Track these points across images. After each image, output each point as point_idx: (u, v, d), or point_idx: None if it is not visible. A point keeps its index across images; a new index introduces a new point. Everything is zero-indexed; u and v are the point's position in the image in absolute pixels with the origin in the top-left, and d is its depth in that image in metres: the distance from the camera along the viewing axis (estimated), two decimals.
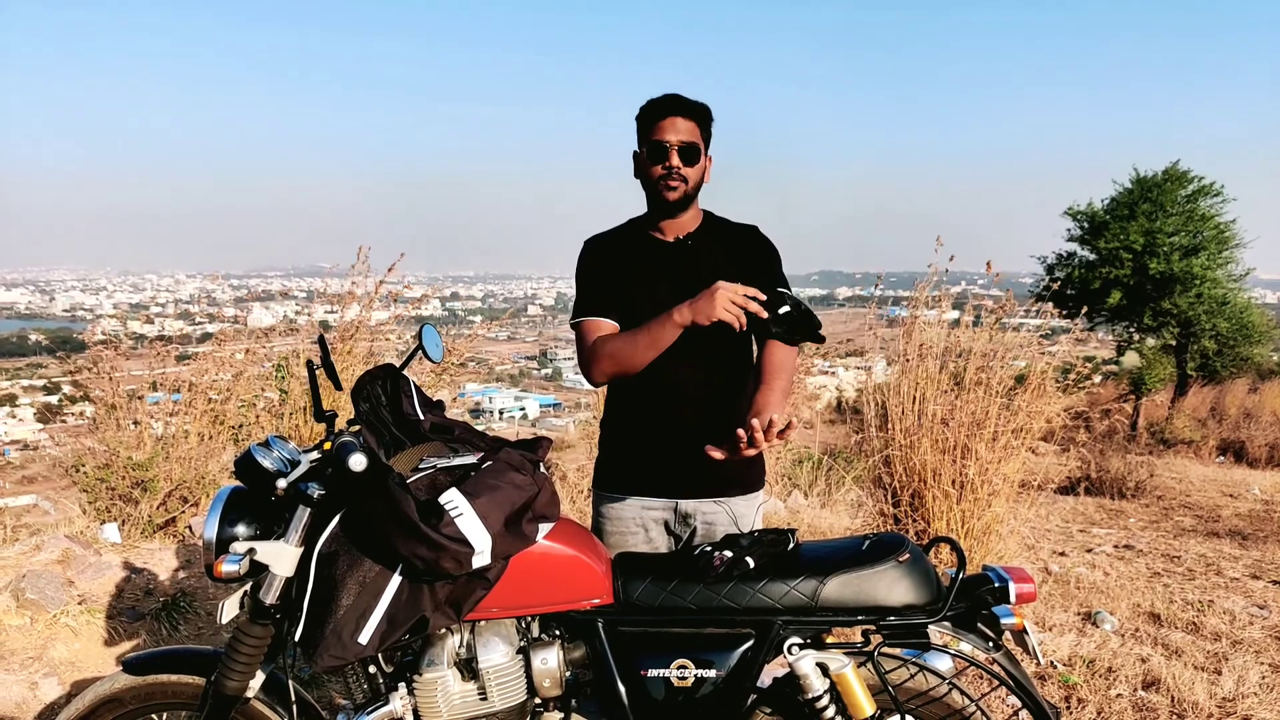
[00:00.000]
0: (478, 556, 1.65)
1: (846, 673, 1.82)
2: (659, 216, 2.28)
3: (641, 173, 2.25)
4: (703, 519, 2.29)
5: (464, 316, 31.71)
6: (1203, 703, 3.20)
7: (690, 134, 2.19)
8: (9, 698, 2.87)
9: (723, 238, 2.32)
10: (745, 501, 2.32)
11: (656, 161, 2.19)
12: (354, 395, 2.02)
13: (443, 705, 1.82)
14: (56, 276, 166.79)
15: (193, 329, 7.20)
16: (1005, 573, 1.87)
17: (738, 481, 2.31)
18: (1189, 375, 17.21)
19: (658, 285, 2.24)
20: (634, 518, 2.29)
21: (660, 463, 2.26)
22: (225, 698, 1.91)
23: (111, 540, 4.13)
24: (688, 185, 2.21)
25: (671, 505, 2.29)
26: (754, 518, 2.35)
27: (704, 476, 2.23)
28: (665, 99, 2.19)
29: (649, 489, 2.29)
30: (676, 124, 2.17)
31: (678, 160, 2.17)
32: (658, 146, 2.18)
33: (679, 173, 2.18)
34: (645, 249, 2.30)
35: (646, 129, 2.21)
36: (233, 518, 1.81)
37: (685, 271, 2.25)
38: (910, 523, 4.50)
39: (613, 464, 2.34)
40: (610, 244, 2.35)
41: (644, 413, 2.27)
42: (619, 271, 2.29)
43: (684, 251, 2.28)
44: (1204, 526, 7.27)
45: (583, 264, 2.34)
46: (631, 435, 2.30)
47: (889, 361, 4.87)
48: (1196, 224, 16.30)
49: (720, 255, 2.29)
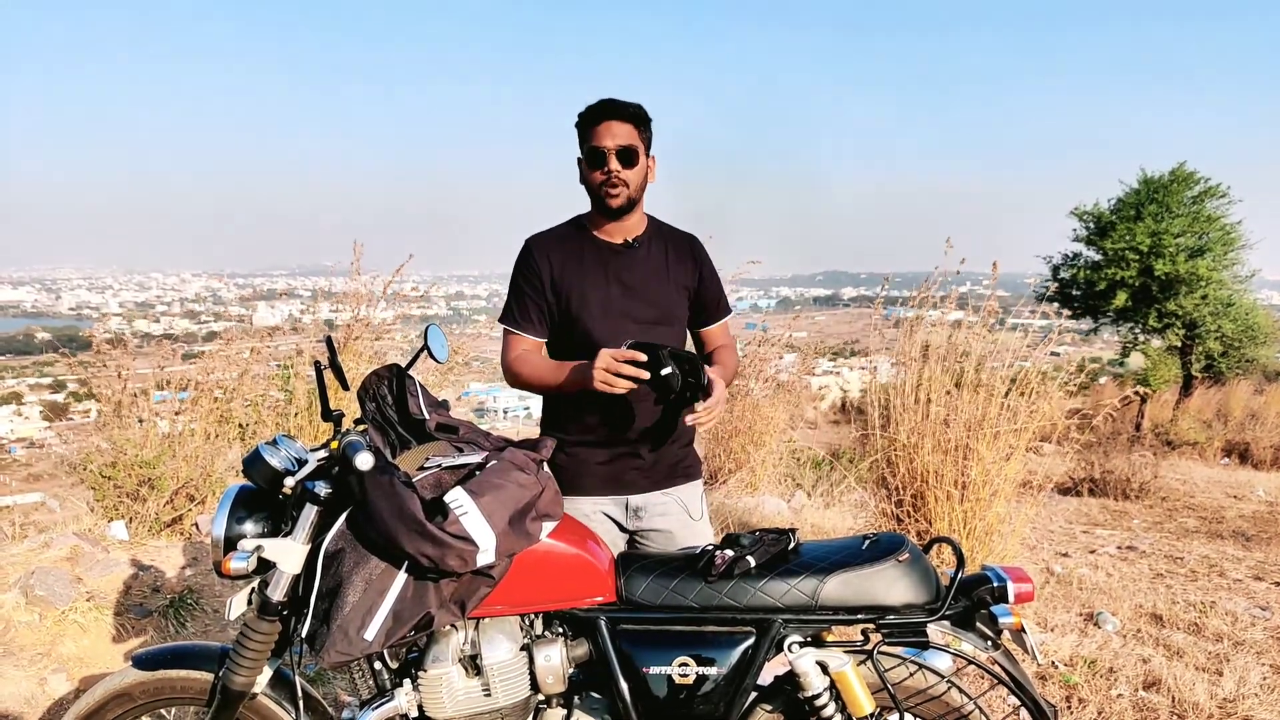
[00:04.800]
0: (482, 554, 1.68)
1: (846, 671, 1.84)
2: (604, 219, 2.30)
3: (585, 182, 2.27)
4: (654, 510, 2.34)
5: (469, 315, 31.71)
6: (1203, 703, 3.21)
7: (628, 137, 2.20)
8: (18, 693, 2.90)
9: (666, 244, 2.37)
10: (689, 489, 2.41)
11: (596, 167, 2.21)
12: (360, 395, 2.04)
13: (447, 701, 1.85)
14: (62, 275, 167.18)
15: (197, 328, 7.24)
16: (1004, 572, 1.88)
17: (681, 473, 2.39)
18: (1194, 376, 17.17)
19: (610, 290, 2.28)
20: (586, 514, 2.31)
21: (606, 463, 2.30)
22: (232, 693, 1.93)
23: (119, 538, 4.16)
24: (630, 189, 2.23)
25: (621, 501, 2.33)
26: (701, 505, 2.43)
27: (648, 471, 2.32)
28: (600, 104, 2.21)
29: (595, 488, 2.32)
30: (612, 128, 2.19)
31: (616, 164, 2.19)
32: (595, 152, 2.19)
33: (618, 177, 2.20)
34: (593, 251, 2.31)
35: (584, 135, 2.23)
36: (241, 515, 1.84)
37: (634, 276, 2.29)
38: (912, 523, 4.51)
39: (561, 467, 2.34)
40: (555, 245, 2.34)
41: (585, 415, 2.29)
42: (566, 274, 2.29)
43: (633, 256, 2.31)
44: (1207, 528, 7.27)
45: (523, 266, 2.34)
46: (575, 438, 2.32)
47: (896, 362, 4.88)
48: (1202, 225, 16.24)
49: (664, 261, 2.34)
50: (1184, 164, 16.75)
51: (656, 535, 2.35)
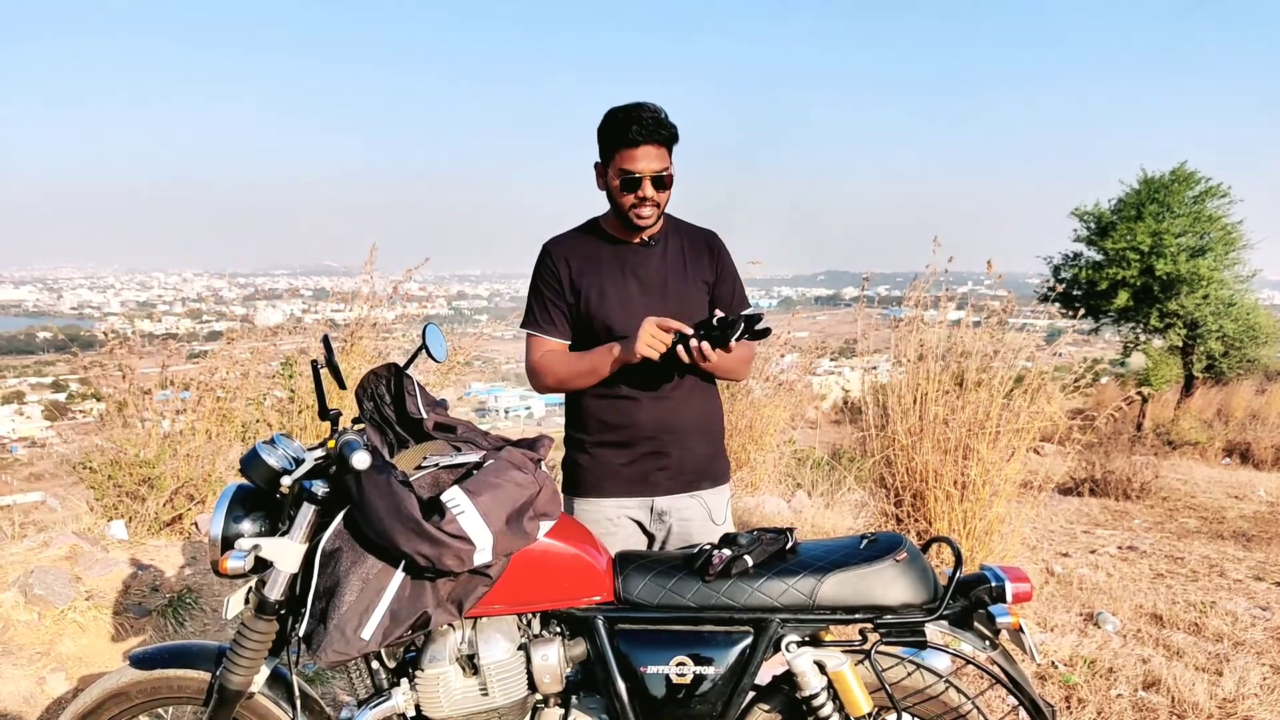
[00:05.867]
0: (479, 553, 1.67)
1: (844, 671, 1.83)
2: (622, 224, 2.28)
3: (610, 194, 2.23)
4: (678, 515, 2.32)
5: (470, 315, 31.74)
6: (1203, 704, 3.20)
7: (662, 160, 2.14)
8: (17, 692, 2.90)
9: (684, 240, 2.35)
10: (717, 494, 2.37)
11: (629, 190, 2.16)
12: (358, 394, 2.04)
13: (444, 701, 1.84)
14: (64, 274, 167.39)
15: (199, 327, 7.26)
16: (1002, 572, 1.88)
17: (709, 475, 2.36)
18: (1195, 376, 17.16)
19: (628, 287, 2.27)
20: (608, 518, 2.31)
21: (630, 464, 2.28)
22: (230, 693, 1.93)
23: (118, 537, 4.16)
24: (660, 209, 2.22)
25: (646, 504, 2.32)
26: (725, 511, 2.40)
27: (675, 473, 2.29)
28: (637, 123, 2.09)
29: (619, 490, 2.30)
30: (650, 153, 2.12)
31: (652, 190, 2.15)
32: (630, 178, 2.13)
33: (651, 201, 2.17)
34: (610, 250, 2.31)
35: (614, 151, 2.15)
36: (238, 514, 1.84)
37: (651, 273, 2.28)
38: (912, 523, 4.51)
39: (584, 468, 2.33)
40: (572, 247, 2.33)
41: (608, 414, 2.28)
42: (584, 274, 2.29)
43: (649, 253, 2.30)
44: (1208, 528, 7.27)
45: (541, 269, 2.33)
46: (597, 438, 2.31)
47: (896, 361, 4.87)
48: (1203, 225, 16.23)
49: (682, 257, 2.32)
50: (1184, 163, 16.74)
51: (675, 540, 2.32)
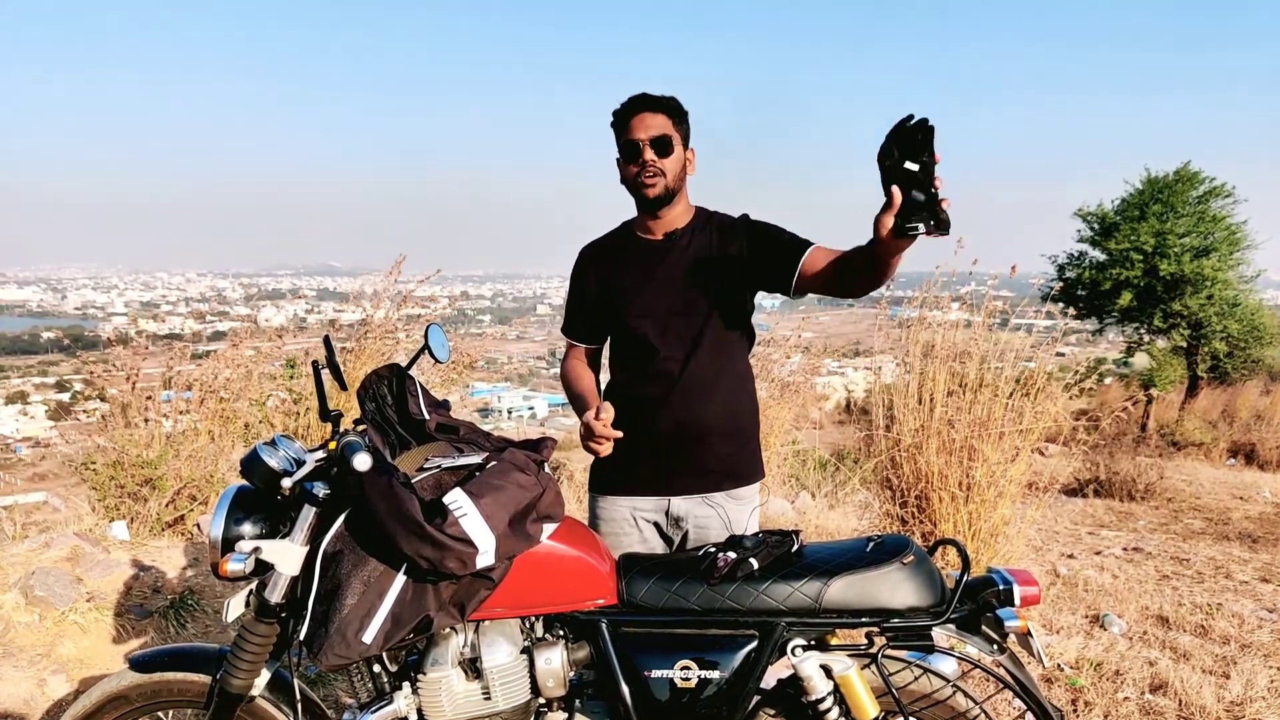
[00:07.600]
0: (481, 556, 1.66)
1: (850, 675, 1.82)
2: (647, 216, 2.31)
3: (624, 179, 2.27)
4: (695, 522, 2.29)
5: (473, 316, 31.76)
6: (1210, 706, 3.18)
7: (662, 127, 2.20)
8: (17, 694, 2.89)
9: (713, 231, 2.32)
10: (738, 504, 2.32)
11: (631, 160, 2.22)
12: (360, 395, 2.03)
13: (447, 705, 1.83)
14: (68, 274, 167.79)
15: (202, 327, 7.25)
16: (1010, 575, 1.86)
17: (729, 473, 2.30)
18: (1199, 377, 17.12)
19: (644, 286, 2.27)
20: (626, 518, 2.30)
21: (647, 460, 2.27)
22: (230, 696, 1.92)
23: (120, 538, 4.15)
24: (666, 179, 2.21)
25: (663, 505, 2.30)
26: (747, 522, 2.34)
27: (695, 473, 2.26)
28: (632, 99, 2.22)
29: (637, 488, 2.29)
30: (645, 120, 2.20)
31: (651, 154, 2.19)
32: (630, 145, 2.21)
33: (654, 166, 2.19)
34: (634, 251, 2.33)
35: (619, 131, 2.24)
36: (239, 517, 1.82)
37: (666, 269, 2.27)
38: (917, 524, 4.48)
39: (604, 463, 2.33)
40: (601, 252, 2.39)
41: (632, 410, 2.26)
42: (609, 279, 2.32)
43: (670, 248, 2.29)
44: (1214, 529, 7.23)
45: (574, 276, 2.42)
46: (622, 434, 2.28)
47: (902, 362, 4.85)
48: (1207, 225, 16.21)
49: (707, 249, 2.29)
50: (1188, 164, 16.72)
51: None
